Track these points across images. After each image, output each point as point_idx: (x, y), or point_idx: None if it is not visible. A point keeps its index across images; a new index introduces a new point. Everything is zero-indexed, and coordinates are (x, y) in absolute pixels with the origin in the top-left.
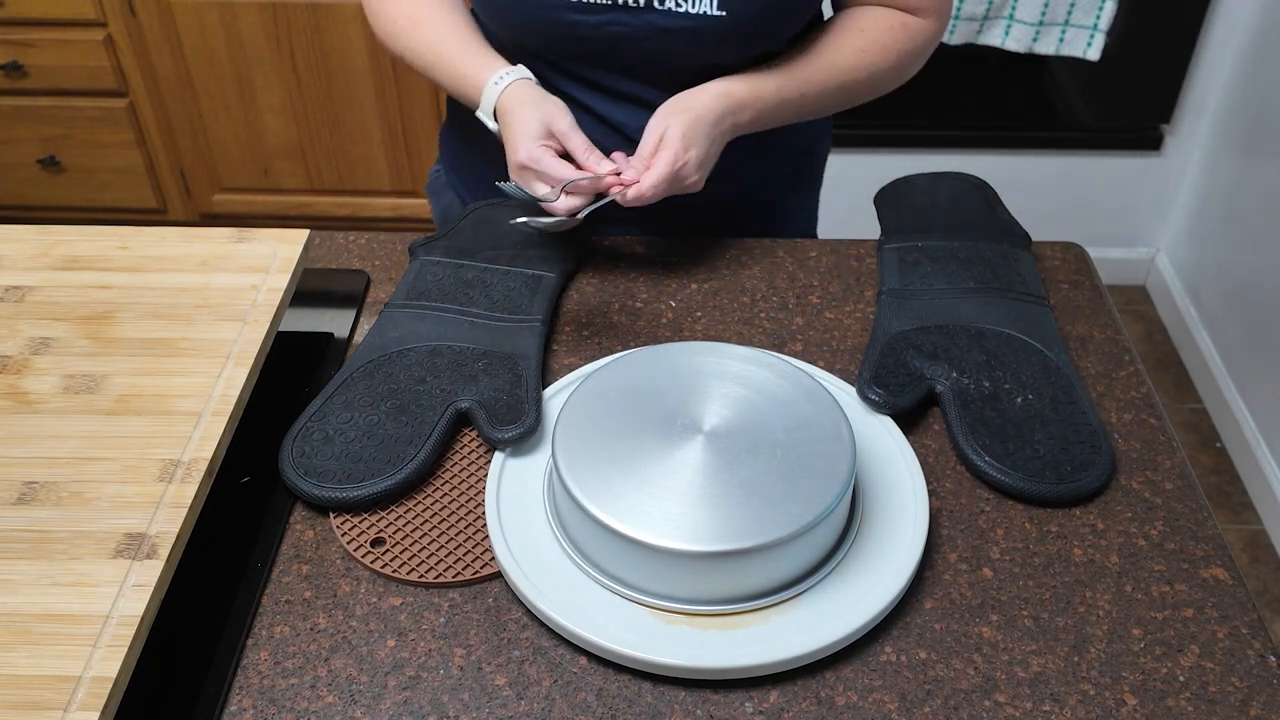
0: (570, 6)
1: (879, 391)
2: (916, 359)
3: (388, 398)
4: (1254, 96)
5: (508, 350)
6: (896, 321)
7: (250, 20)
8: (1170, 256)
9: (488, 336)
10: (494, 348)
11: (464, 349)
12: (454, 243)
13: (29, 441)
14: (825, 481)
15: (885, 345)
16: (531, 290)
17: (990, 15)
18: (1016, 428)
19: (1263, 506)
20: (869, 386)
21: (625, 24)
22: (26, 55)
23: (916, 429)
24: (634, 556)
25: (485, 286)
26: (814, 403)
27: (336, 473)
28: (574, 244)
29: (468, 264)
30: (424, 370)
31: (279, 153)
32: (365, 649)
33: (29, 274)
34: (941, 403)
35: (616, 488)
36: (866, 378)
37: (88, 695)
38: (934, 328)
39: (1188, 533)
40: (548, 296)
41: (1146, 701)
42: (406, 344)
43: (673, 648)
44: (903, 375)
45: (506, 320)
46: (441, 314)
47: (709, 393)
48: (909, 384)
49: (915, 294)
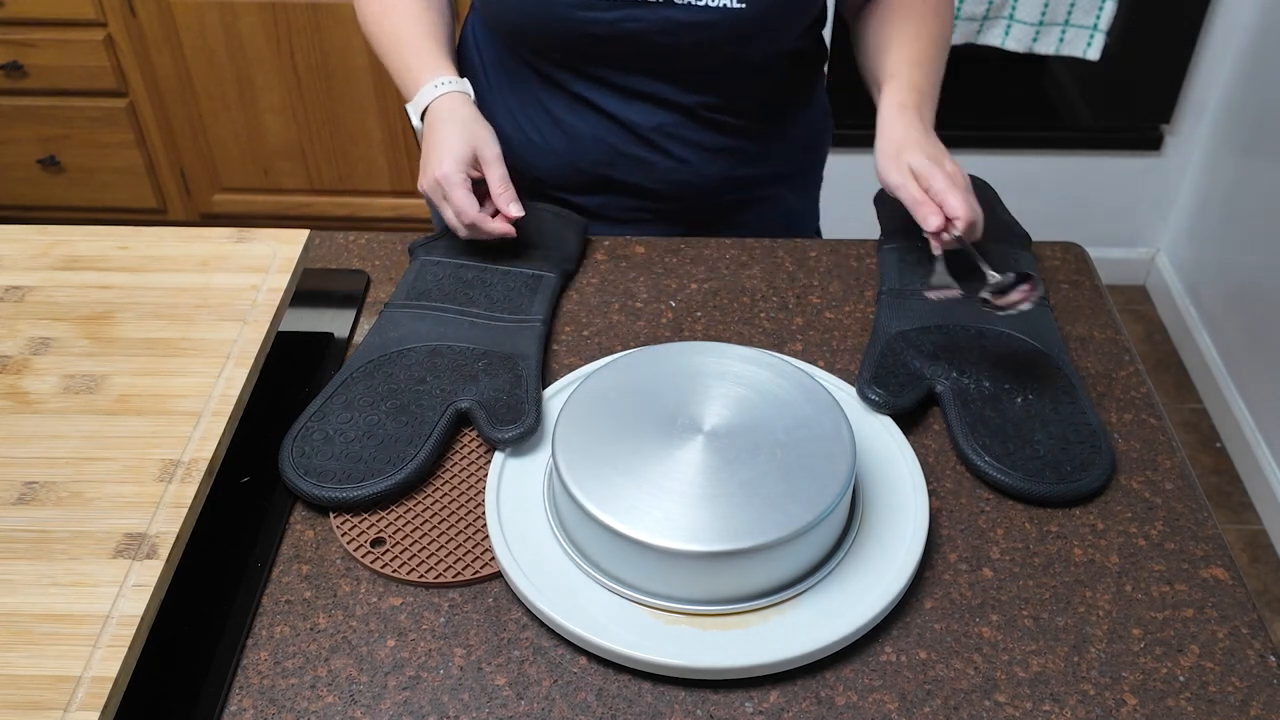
0: (582, 4)
1: (879, 392)
2: (916, 359)
3: (388, 397)
4: (1254, 96)
5: (508, 350)
6: (896, 321)
7: (250, 20)
8: (1170, 256)
9: (488, 336)
10: (494, 348)
11: (464, 349)
12: (454, 243)
13: (29, 441)
14: (825, 482)
15: (885, 345)
16: (531, 290)
17: (990, 15)
18: (1017, 427)
19: (1263, 506)
20: (869, 387)
21: (640, 19)
22: (26, 55)
23: (916, 429)
24: (634, 556)
25: (485, 286)
26: (814, 403)
27: (336, 473)
28: (573, 243)
29: (468, 264)
30: (424, 370)
31: (279, 153)
32: (365, 649)
33: (29, 274)
34: (941, 403)
35: (617, 488)
36: (866, 378)
37: (88, 695)
38: (934, 328)
39: (1188, 533)
40: (548, 296)
41: (1146, 701)
42: (406, 344)
43: (673, 648)
44: (902, 375)
45: (507, 320)
46: (441, 314)
47: (709, 393)
48: (909, 384)
49: (915, 294)
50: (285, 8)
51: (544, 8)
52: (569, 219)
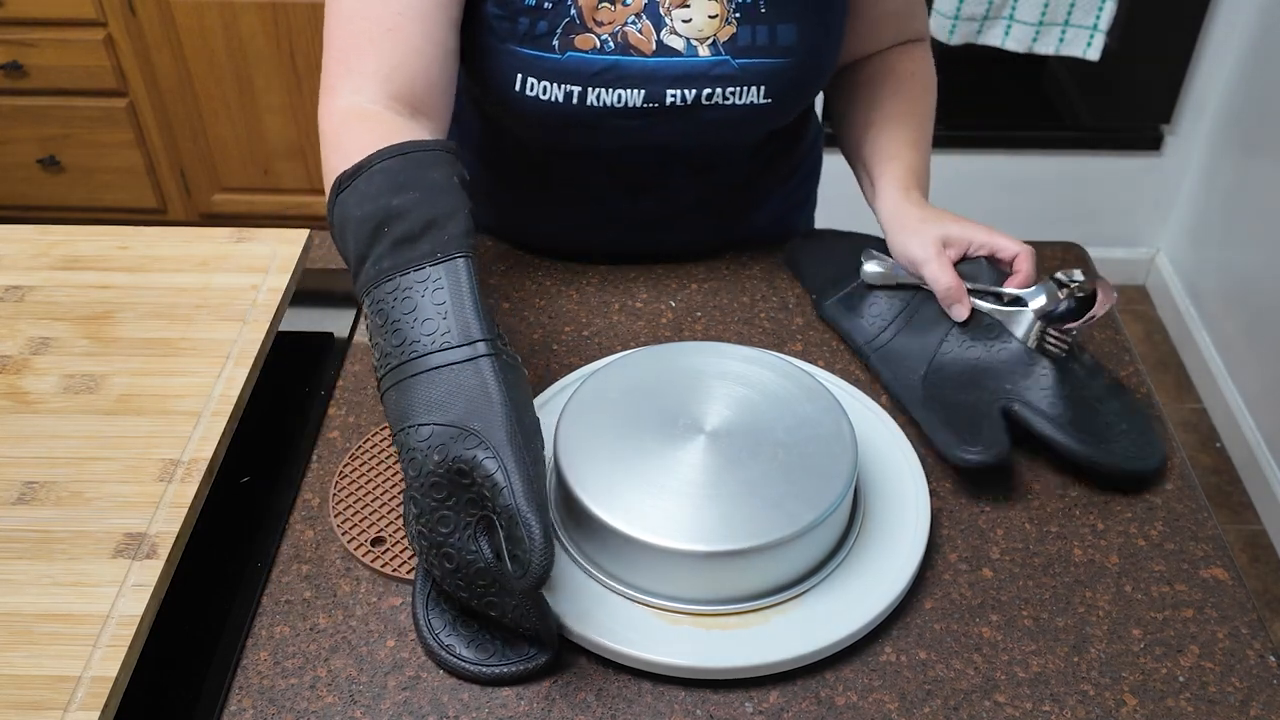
0: (613, 113)
1: (973, 449)
2: (962, 394)
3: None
4: (1254, 96)
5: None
6: (903, 372)
7: (250, 20)
8: (1170, 256)
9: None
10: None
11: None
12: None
13: (29, 441)
14: (827, 481)
15: (925, 398)
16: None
17: (990, 15)
18: (1091, 414)
19: (1263, 506)
20: (962, 448)
21: (672, 124)
22: (26, 55)
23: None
24: (638, 556)
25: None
26: (815, 403)
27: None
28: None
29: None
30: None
31: (279, 153)
32: (365, 649)
33: (29, 274)
34: (1024, 421)
35: (619, 488)
36: (949, 440)
37: (88, 695)
38: (947, 358)
39: (1188, 533)
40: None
41: (1146, 701)
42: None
43: (676, 647)
44: (967, 414)
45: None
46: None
47: (710, 393)
48: (984, 421)
49: (891, 339)
50: (285, 8)
51: (575, 114)
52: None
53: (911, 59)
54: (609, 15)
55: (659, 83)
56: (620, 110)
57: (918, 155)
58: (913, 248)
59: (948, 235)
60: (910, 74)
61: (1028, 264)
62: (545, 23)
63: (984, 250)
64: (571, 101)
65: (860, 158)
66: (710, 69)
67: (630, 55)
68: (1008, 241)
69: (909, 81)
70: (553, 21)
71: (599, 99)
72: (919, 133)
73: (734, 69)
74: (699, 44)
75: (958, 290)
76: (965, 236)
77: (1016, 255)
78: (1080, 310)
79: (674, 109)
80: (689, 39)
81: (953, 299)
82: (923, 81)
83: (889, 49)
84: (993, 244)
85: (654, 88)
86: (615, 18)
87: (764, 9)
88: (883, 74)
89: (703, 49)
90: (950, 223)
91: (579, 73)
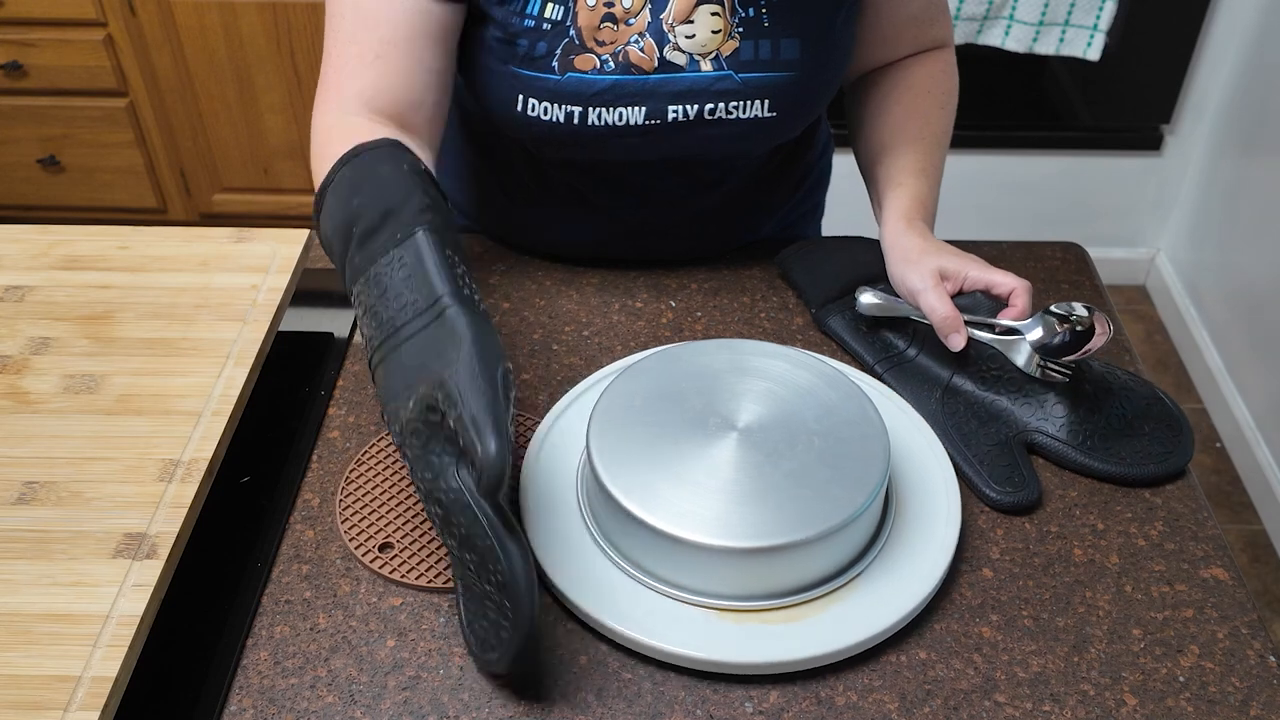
0: (615, 131)
1: (1003, 489)
2: (981, 425)
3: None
4: (1254, 96)
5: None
6: (919, 391)
7: (250, 20)
8: (1170, 256)
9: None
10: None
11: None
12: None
13: (29, 441)
14: (868, 464)
15: (944, 428)
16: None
17: (990, 15)
18: (1111, 427)
19: (1263, 506)
20: (992, 487)
21: (675, 139)
22: (26, 55)
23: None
24: (688, 558)
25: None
26: (837, 389)
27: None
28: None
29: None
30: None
31: (279, 152)
32: (365, 649)
33: (29, 274)
34: (1049, 451)
35: (661, 492)
36: (983, 478)
37: (88, 695)
38: (963, 389)
39: (1188, 533)
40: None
41: (1146, 701)
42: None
43: (724, 645)
44: (989, 442)
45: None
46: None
47: (733, 389)
48: (1008, 454)
49: (902, 361)
50: (285, 8)
51: (578, 133)
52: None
53: (931, 71)
54: (611, 35)
55: (661, 99)
56: (622, 129)
57: (925, 183)
58: (911, 278)
59: (944, 268)
60: (927, 90)
61: (1024, 299)
62: (545, 44)
63: (979, 285)
64: (573, 122)
65: (872, 177)
66: (713, 84)
67: (631, 74)
68: (1003, 277)
69: (925, 99)
70: (552, 43)
71: (600, 118)
72: (929, 158)
73: (737, 84)
74: (701, 59)
75: (954, 320)
76: (961, 271)
77: (1013, 290)
78: (1077, 343)
79: (676, 125)
80: (692, 54)
81: (949, 329)
82: (939, 97)
83: (909, 57)
84: (988, 280)
85: (656, 105)
86: (617, 38)
87: (767, 23)
88: (900, 89)
89: (705, 64)
90: (949, 256)
91: (579, 94)
